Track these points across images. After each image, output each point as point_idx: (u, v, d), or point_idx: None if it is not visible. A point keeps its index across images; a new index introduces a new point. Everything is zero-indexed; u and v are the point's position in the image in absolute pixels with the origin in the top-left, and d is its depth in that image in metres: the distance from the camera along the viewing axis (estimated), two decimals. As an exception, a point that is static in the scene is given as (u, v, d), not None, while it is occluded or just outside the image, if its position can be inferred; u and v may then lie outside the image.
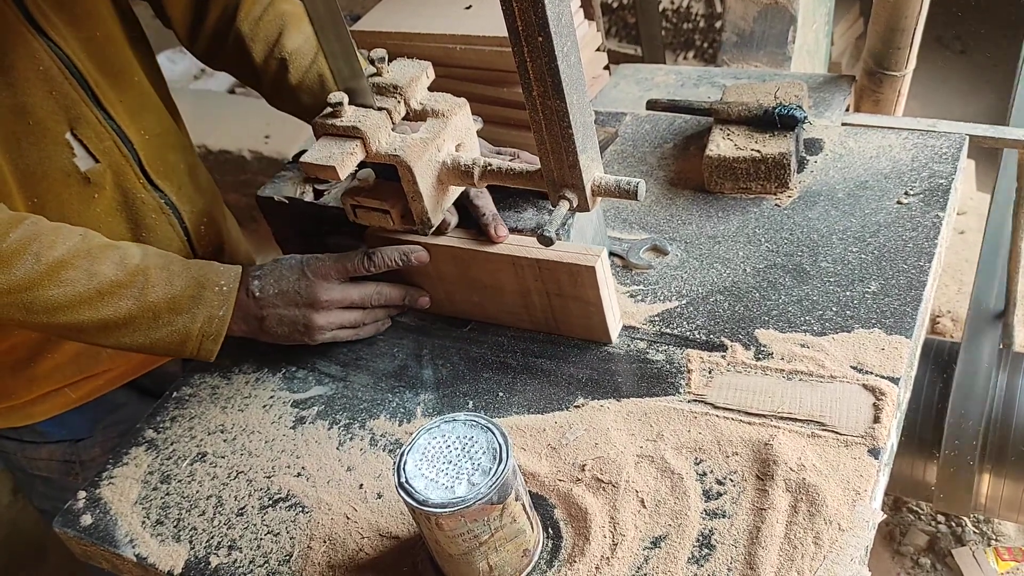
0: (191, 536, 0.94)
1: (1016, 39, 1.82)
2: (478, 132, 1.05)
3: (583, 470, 0.89)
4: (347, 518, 0.91)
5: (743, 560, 0.79)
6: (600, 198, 0.95)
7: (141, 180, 1.16)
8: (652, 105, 1.31)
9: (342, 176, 0.93)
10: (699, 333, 1.00)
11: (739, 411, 0.91)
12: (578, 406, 0.96)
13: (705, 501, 0.84)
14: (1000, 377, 1.51)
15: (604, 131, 1.35)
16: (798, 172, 1.19)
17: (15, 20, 1.01)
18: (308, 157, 0.94)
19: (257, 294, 1.04)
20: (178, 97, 1.33)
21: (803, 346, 0.95)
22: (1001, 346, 1.56)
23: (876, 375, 0.91)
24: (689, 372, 0.96)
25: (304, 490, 0.96)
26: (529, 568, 0.83)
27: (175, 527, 0.95)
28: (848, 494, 0.81)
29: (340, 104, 0.94)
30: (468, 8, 1.35)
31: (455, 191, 1.04)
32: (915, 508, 1.92)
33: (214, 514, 0.96)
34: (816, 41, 1.70)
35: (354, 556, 0.88)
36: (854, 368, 0.92)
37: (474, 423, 0.78)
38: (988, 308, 1.56)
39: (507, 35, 0.81)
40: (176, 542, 0.93)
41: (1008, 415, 1.49)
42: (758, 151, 1.14)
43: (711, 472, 0.86)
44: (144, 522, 0.96)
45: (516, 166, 0.96)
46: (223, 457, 1.02)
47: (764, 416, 0.90)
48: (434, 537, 0.77)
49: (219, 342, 1.03)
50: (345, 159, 0.92)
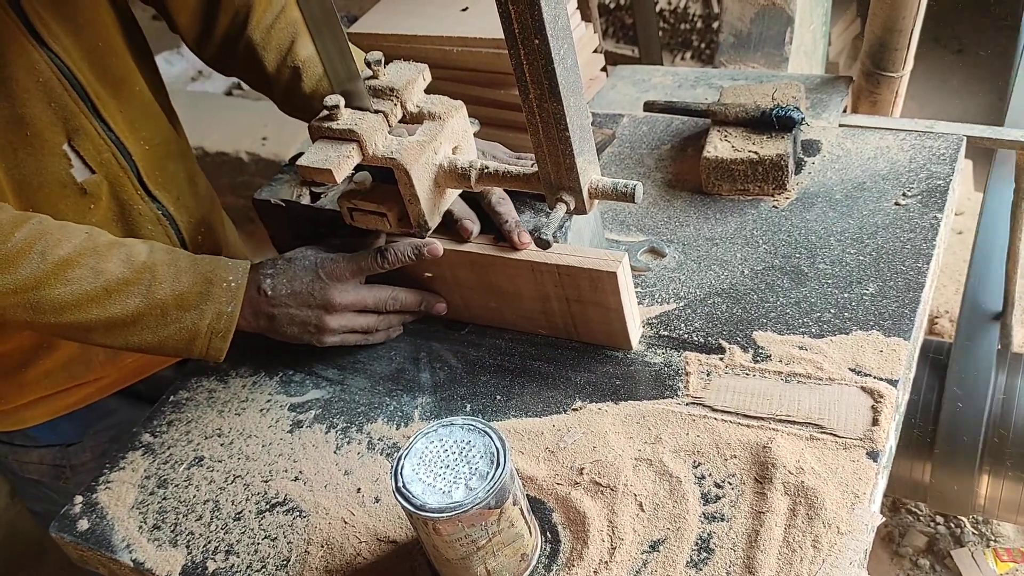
0: (188, 541, 0.93)
1: (1014, 39, 1.82)
2: (475, 134, 1.05)
3: (581, 474, 0.89)
4: (345, 522, 0.91)
5: (742, 564, 0.79)
6: (597, 200, 0.95)
7: (139, 191, 1.16)
8: (649, 107, 1.31)
9: (339, 179, 0.92)
10: (697, 335, 1.00)
11: (737, 414, 0.91)
12: (576, 409, 0.96)
13: (704, 504, 0.84)
14: (999, 378, 1.51)
15: (601, 133, 1.35)
16: (796, 174, 1.19)
17: (15, 30, 1.00)
18: (305, 160, 0.93)
19: (269, 292, 1.02)
20: (175, 99, 1.33)
21: (801, 348, 0.95)
22: (999, 347, 1.56)
23: (874, 377, 0.90)
24: (687, 375, 0.96)
25: (301, 494, 0.95)
26: (527, 572, 0.83)
27: (172, 532, 0.95)
28: (847, 497, 0.81)
29: (336, 107, 0.93)
30: (465, 10, 1.35)
31: (452, 194, 1.04)
32: (914, 509, 1.92)
33: (211, 519, 0.95)
34: (813, 42, 1.70)
35: (352, 561, 0.88)
36: (852, 370, 0.92)
37: (471, 427, 0.78)
38: (982, 308, 1.56)
39: (503, 37, 0.81)
40: (173, 547, 0.93)
41: (1007, 415, 1.49)
42: (755, 153, 1.14)
43: (709, 475, 0.86)
44: (141, 527, 0.96)
45: (513, 169, 0.96)
46: (220, 461, 1.02)
47: (762, 419, 0.89)
48: (432, 542, 0.77)
49: (228, 340, 1.01)
50: (342, 162, 0.92)
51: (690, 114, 1.27)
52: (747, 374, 0.94)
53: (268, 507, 0.95)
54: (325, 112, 0.94)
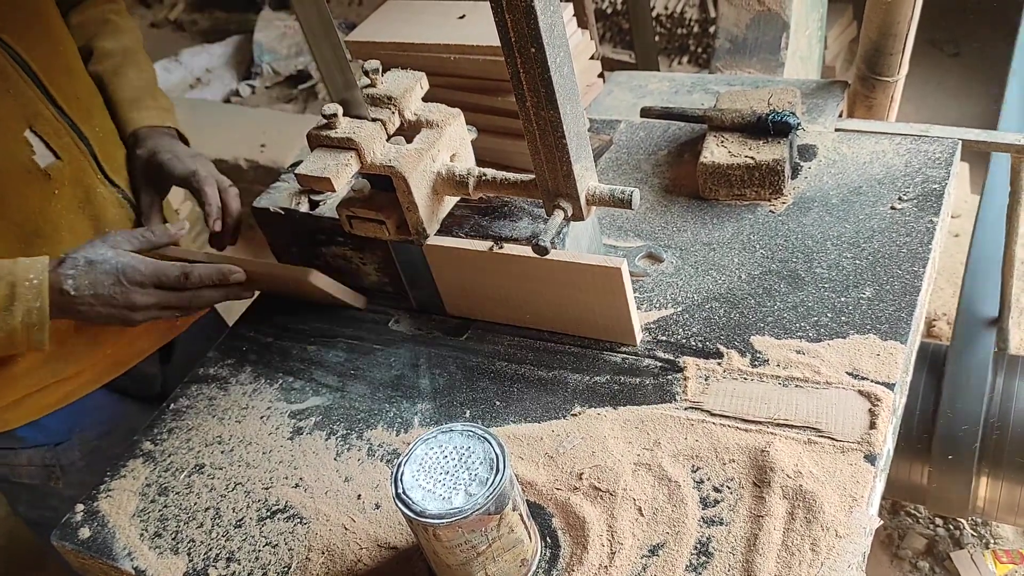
0: (189, 548, 0.94)
1: (1010, 43, 1.83)
2: (472, 142, 1.06)
3: (580, 479, 0.89)
4: (345, 529, 0.91)
5: (741, 567, 0.79)
6: (595, 207, 0.95)
7: (99, 175, 1.20)
8: (646, 113, 1.31)
9: (337, 188, 0.93)
10: (695, 340, 1.00)
11: (735, 418, 0.91)
12: (575, 414, 0.96)
13: (702, 508, 0.84)
14: (996, 380, 1.51)
15: (598, 139, 1.36)
16: (792, 178, 1.19)
17: None
18: (303, 169, 0.94)
19: (72, 293, 1.05)
20: (175, 104, 1.35)
21: (799, 352, 0.96)
22: (996, 349, 1.57)
23: (872, 381, 0.91)
24: (685, 379, 0.96)
25: (302, 501, 0.96)
26: (527, 577, 0.83)
27: (173, 539, 0.95)
28: (845, 500, 0.81)
29: (335, 115, 0.94)
30: (462, 18, 1.36)
31: (450, 201, 1.05)
32: (913, 512, 1.93)
33: (212, 526, 0.96)
34: (809, 47, 1.71)
35: (352, 567, 0.88)
36: (849, 374, 0.92)
37: (471, 433, 0.78)
38: (979, 311, 1.57)
39: (500, 45, 0.81)
40: (174, 554, 0.93)
41: (1005, 417, 1.49)
42: (752, 158, 1.15)
43: (708, 479, 0.87)
44: (142, 535, 0.96)
45: (511, 176, 0.97)
46: (221, 469, 1.02)
47: (760, 423, 0.90)
48: (432, 548, 0.77)
49: (45, 330, 1.05)
50: (340, 170, 0.93)
51: (687, 120, 1.27)
52: (745, 378, 0.95)
53: (269, 514, 0.95)
54: (324, 120, 0.95)
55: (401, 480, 0.76)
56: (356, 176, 0.98)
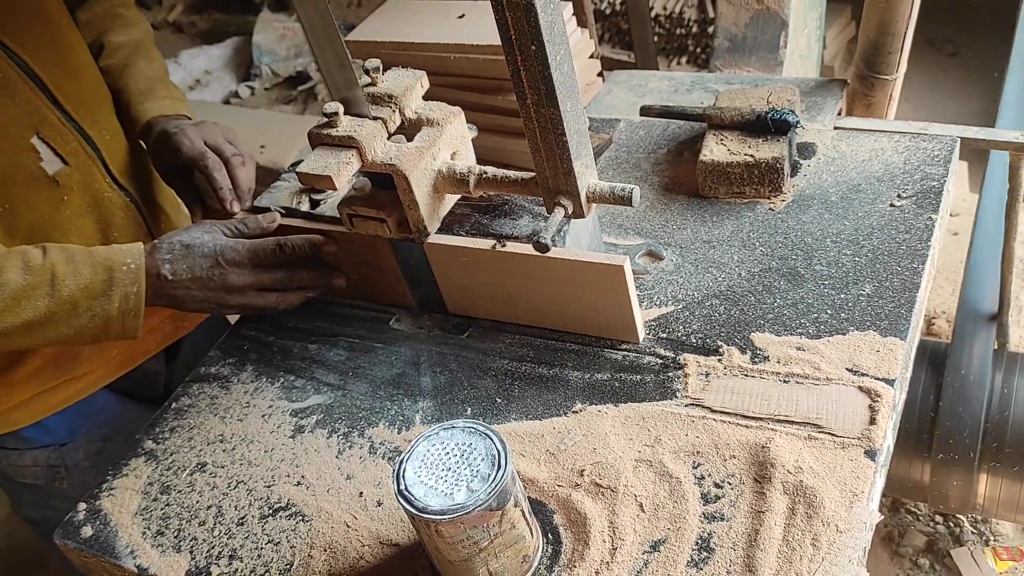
0: (192, 546, 0.94)
1: (1008, 41, 1.83)
2: (473, 140, 1.06)
3: (582, 475, 0.90)
4: (347, 526, 0.92)
5: (742, 563, 0.79)
6: (595, 204, 0.96)
7: (107, 179, 1.20)
8: (646, 111, 1.32)
9: (338, 186, 0.93)
10: (695, 337, 1.01)
11: (736, 414, 0.91)
12: (576, 411, 0.96)
13: (703, 504, 0.85)
14: (996, 377, 1.52)
15: (598, 138, 1.36)
16: (791, 176, 1.19)
17: None
18: (304, 167, 0.94)
19: (170, 277, 1.06)
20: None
21: (799, 349, 0.96)
22: (996, 346, 1.57)
23: (871, 377, 0.91)
24: (686, 376, 0.97)
25: (304, 499, 0.96)
26: (529, 574, 0.83)
27: (176, 537, 0.95)
28: (845, 496, 0.82)
29: (336, 114, 0.94)
30: (461, 17, 1.36)
31: (451, 199, 1.05)
32: (913, 509, 1.93)
33: (214, 524, 0.96)
34: (808, 46, 1.71)
35: (355, 564, 0.88)
36: (849, 370, 0.92)
37: (472, 430, 0.78)
38: (978, 309, 1.57)
39: (500, 44, 0.82)
40: (177, 552, 0.94)
41: (1005, 414, 1.49)
42: (751, 156, 1.15)
43: (709, 476, 0.87)
44: (144, 533, 0.97)
45: (512, 173, 0.97)
46: (223, 467, 1.02)
47: (761, 419, 0.90)
48: (434, 544, 0.77)
49: (140, 317, 1.05)
50: (341, 169, 0.93)
51: (686, 118, 1.28)
52: (745, 375, 0.95)
53: (271, 512, 0.96)
54: (324, 119, 0.95)
55: (403, 477, 0.76)
56: (357, 174, 0.98)
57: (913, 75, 1.51)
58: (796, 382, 0.93)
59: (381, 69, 0.99)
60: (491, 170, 0.98)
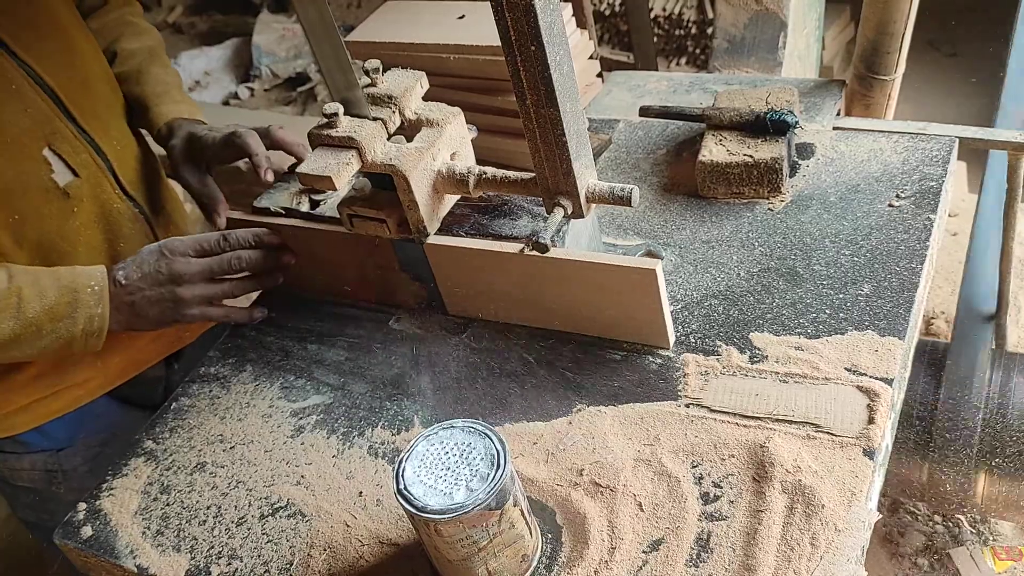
0: (192, 546, 0.94)
1: (1007, 41, 1.83)
2: (472, 141, 1.06)
3: (581, 475, 0.90)
4: (347, 526, 0.92)
5: (740, 562, 0.79)
6: (594, 204, 0.96)
7: (116, 191, 1.20)
8: (645, 112, 1.32)
9: (338, 186, 0.93)
10: (694, 337, 1.01)
11: (735, 414, 0.92)
12: (575, 411, 0.97)
13: (702, 504, 0.85)
14: (995, 376, 1.52)
15: (598, 138, 1.36)
16: (790, 176, 1.20)
17: None
18: (304, 167, 0.94)
19: (123, 282, 1.07)
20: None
21: (797, 349, 0.96)
22: (994, 346, 1.57)
23: (870, 376, 0.91)
24: (685, 376, 0.97)
25: (304, 498, 0.96)
26: (528, 573, 0.83)
27: (176, 537, 0.95)
28: (844, 495, 0.82)
29: (335, 115, 0.94)
30: (461, 18, 1.36)
31: (451, 199, 1.05)
32: (912, 509, 1.93)
33: (214, 524, 0.96)
34: (807, 46, 1.72)
35: (354, 564, 0.89)
36: (848, 370, 0.93)
37: (472, 429, 0.79)
38: (977, 308, 1.57)
39: (500, 44, 0.82)
40: (177, 552, 0.94)
41: (1004, 414, 1.50)
42: (750, 156, 1.15)
43: (708, 475, 0.87)
44: (144, 533, 0.97)
45: (511, 174, 0.97)
46: (223, 467, 1.02)
47: (760, 419, 0.90)
48: (433, 543, 0.78)
49: (103, 337, 1.07)
50: (341, 169, 0.93)
51: (685, 119, 1.28)
52: (744, 375, 0.95)
53: (271, 511, 0.96)
54: (324, 120, 0.95)
55: (403, 476, 0.76)
56: (357, 175, 0.98)
57: (912, 76, 1.51)
58: (795, 382, 0.93)
59: (381, 70, 0.99)
60: (490, 170, 0.98)
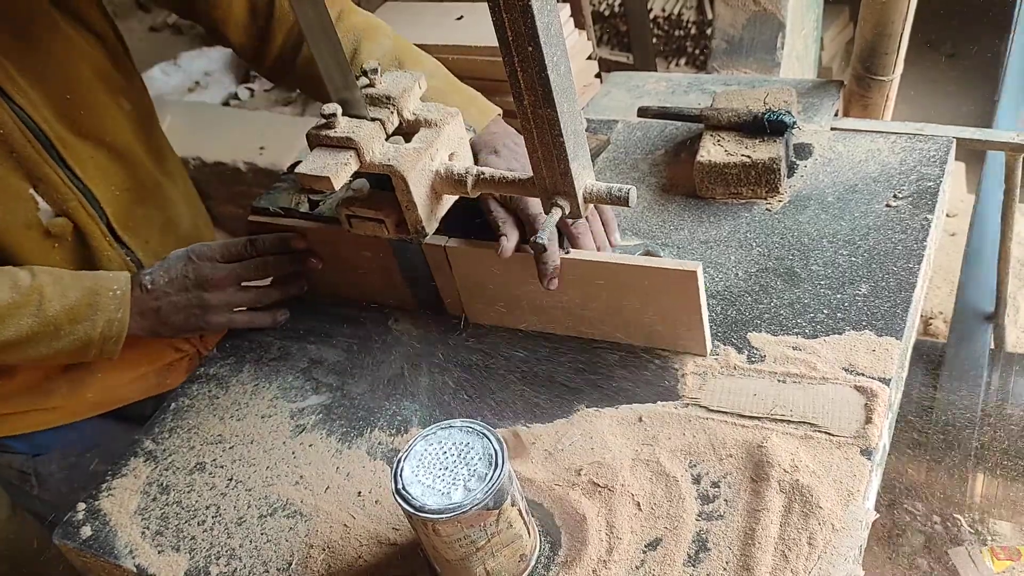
0: (191, 546, 0.94)
1: (1005, 42, 1.84)
2: (471, 141, 1.06)
3: (579, 475, 0.90)
4: (346, 526, 0.92)
5: (738, 561, 0.80)
6: (592, 205, 0.96)
7: (107, 237, 1.18)
8: (643, 112, 1.32)
9: (337, 187, 0.93)
10: (692, 337, 1.01)
11: (733, 414, 0.92)
12: (573, 411, 0.97)
13: (700, 503, 0.85)
14: (993, 377, 1.52)
15: (596, 139, 1.36)
16: (788, 177, 1.20)
17: None
18: (303, 168, 0.94)
19: (149, 286, 1.07)
20: (173, 109, 1.35)
21: (795, 349, 0.96)
22: (992, 346, 1.58)
23: (867, 376, 0.91)
24: (683, 376, 0.97)
25: (303, 498, 0.96)
26: (526, 573, 0.83)
27: (175, 537, 0.96)
28: (841, 494, 0.82)
29: (334, 115, 0.94)
30: (460, 19, 1.37)
31: (449, 200, 1.05)
32: (910, 509, 1.93)
33: (213, 523, 0.96)
34: (805, 47, 1.72)
35: (353, 563, 0.89)
36: (846, 370, 0.93)
37: (470, 429, 0.79)
38: (975, 309, 1.58)
39: (497, 45, 0.82)
40: (176, 552, 0.94)
41: (1002, 414, 1.50)
42: (748, 157, 1.15)
43: (706, 475, 0.87)
44: (144, 532, 0.97)
45: (509, 174, 0.97)
46: (222, 467, 1.02)
47: (757, 418, 0.91)
48: (431, 543, 0.78)
49: (120, 343, 1.07)
50: (340, 170, 0.93)
51: (683, 119, 1.28)
52: (742, 375, 0.95)
53: (270, 511, 0.96)
54: (322, 120, 0.95)
55: (401, 476, 0.76)
56: (355, 175, 0.98)
57: (910, 76, 1.51)
58: (792, 382, 0.93)
59: (379, 71, 0.99)
60: (488, 170, 0.98)
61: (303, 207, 1.17)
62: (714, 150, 1.18)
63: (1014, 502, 1.53)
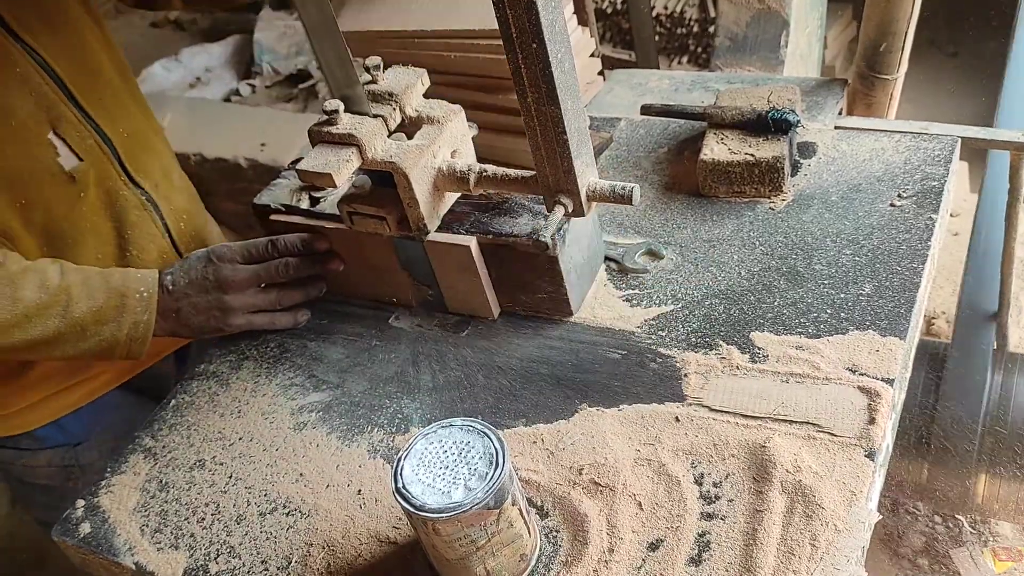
0: (190, 543, 0.94)
1: (1008, 41, 1.83)
2: (473, 139, 1.06)
3: (580, 474, 0.89)
4: (345, 524, 0.92)
5: (740, 562, 0.79)
6: (595, 203, 0.96)
7: (122, 177, 1.20)
8: (646, 110, 1.32)
9: (339, 183, 0.93)
10: (695, 337, 1.01)
11: (735, 414, 0.91)
12: (575, 411, 0.96)
13: (702, 504, 0.85)
14: (995, 377, 1.52)
15: (599, 136, 1.36)
16: (792, 176, 1.19)
17: None
18: (305, 164, 0.94)
19: (170, 288, 1.07)
20: (174, 105, 1.36)
21: (798, 348, 0.96)
22: (995, 346, 1.57)
23: (871, 376, 0.91)
24: (685, 375, 0.96)
25: (303, 496, 0.96)
26: (527, 572, 0.83)
27: (174, 535, 0.95)
28: (844, 495, 0.82)
29: (336, 112, 0.94)
30: None
31: (451, 197, 1.05)
32: (912, 510, 1.93)
33: (213, 521, 0.96)
34: (809, 45, 1.71)
35: (352, 562, 0.88)
36: (849, 370, 0.92)
37: (471, 428, 0.78)
38: (978, 309, 1.57)
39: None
40: (175, 550, 0.94)
41: (1004, 414, 1.49)
42: (752, 155, 1.15)
43: (708, 475, 0.87)
44: (143, 530, 0.96)
45: (511, 172, 0.97)
46: (222, 464, 1.02)
47: (760, 419, 0.90)
48: (431, 542, 0.77)
49: (146, 344, 1.07)
50: (341, 166, 0.93)
51: (687, 117, 1.28)
52: (745, 374, 0.95)
53: (269, 509, 0.95)
54: (325, 116, 0.95)
55: (401, 475, 0.76)
56: (357, 172, 0.98)
57: (914, 75, 1.51)
58: (796, 381, 0.93)
59: (382, 67, 0.99)
60: (491, 168, 0.97)
61: (304, 204, 1.17)
62: (717, 148, 1.18)
63: (1016, 503, 1.53)
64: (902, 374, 0.93)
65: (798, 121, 1.16)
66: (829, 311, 0.99)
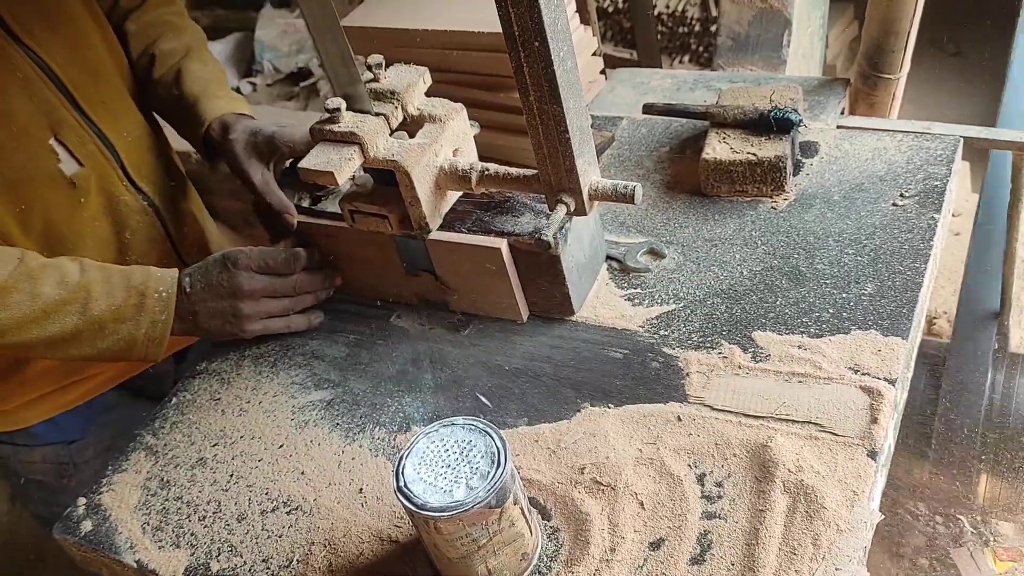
0: (191, 542, 0.94)
1: (1010, 41, 1.83)
2: (474, 138, 1.06)
3: (582, 473, 0.89)
4: (347, 522, 0.92)
5: (742, 562, 0.79)
6: (597, 202, 0.96)
7: (124, 182, 1.19)
8: (648, 109, 1.31)
9: (340, 182, 0.93)
10: (696, 336, 1.01)
11: (737, 413, 0.91)
12: (577, 410, 0.96)
13: (704, 503, 0.85)
14: (996, 377, 1.52)
15: (601, 135, 1.36)
16: (794, 175, 1.19)
17: None
18: (306, 163, 0.94)
19: (188, 291, 1.07)
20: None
21: (800, 348, 0.96)
22: (996, 346, 1.57)
23: (873, 376, 0.91)
24: (687, 375, 0.96)
25: (304, 494, 0.96)
26: (528, 571, 0.83)
27: (175, 533, 0.95)
28: (846, 495, 0.81)
29: (338, 110, 0.94)
30: None
31: (453, 195, 1.05)
32: (913, 509, 1.93)
33: (214, 519, 0.96)
34: (811, 45, 1.71)
35: (354, 560, 0.88)
36: (851, 369, 0.92)
37: (472, 427, 0.78)
38: (979, 309, 1.57)
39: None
40: (176, 548, 0.94)
41: (1005, 414, 1.49)
42: (754, 154, 1.15)
43: (710, 474, 0.87)
44: (144, 528, 0.97)
45: (514, 170, 0.97)
46: (223, 462, 1.02)
47: (762, 418, 0.90)
48: (433, 541, 0.77)
49: (164, 344, 1.06)
50: (343, 165, 0.93)
51: (689, 116, 1.27)
52: (747, 374, 0.95)
53: (271, 507, 0.95)
54: (327, 115, 0.95)
55: (403, 473, 0.76)
56: (359, 171, 0.98)
57: (916, 74, 1.50)
58: (797, 381, 0.93)
59: (384, 65, 0.99)
60: (493, 167, 0.97)
61: (305, 202, 1.17)
62: (719, 147, 1.18)
63: (1017, 503, 1.52)
64: (904, 374, 0.93)
65: (800, 120, 1.16)
66: (831, 311, 0.99)
